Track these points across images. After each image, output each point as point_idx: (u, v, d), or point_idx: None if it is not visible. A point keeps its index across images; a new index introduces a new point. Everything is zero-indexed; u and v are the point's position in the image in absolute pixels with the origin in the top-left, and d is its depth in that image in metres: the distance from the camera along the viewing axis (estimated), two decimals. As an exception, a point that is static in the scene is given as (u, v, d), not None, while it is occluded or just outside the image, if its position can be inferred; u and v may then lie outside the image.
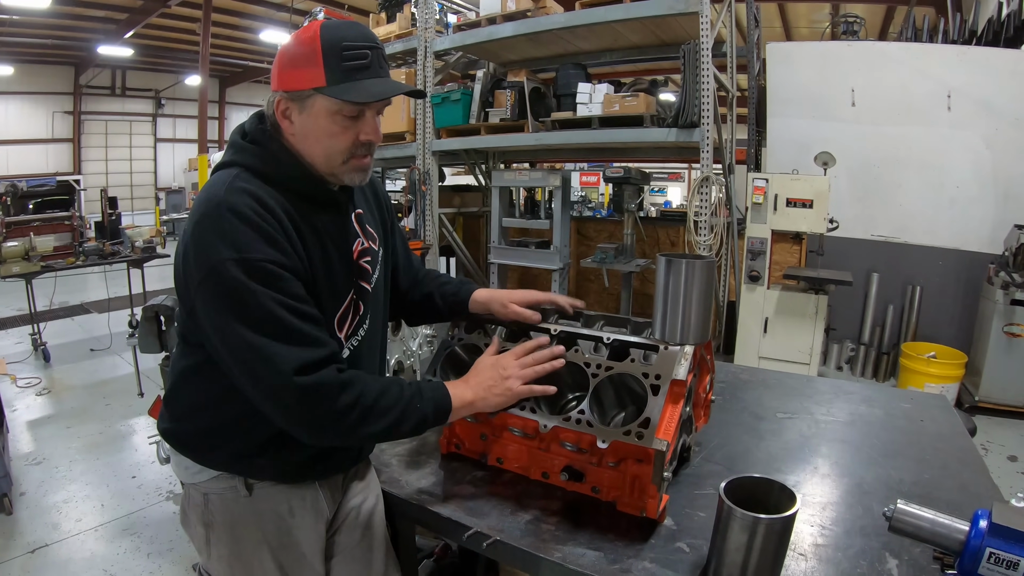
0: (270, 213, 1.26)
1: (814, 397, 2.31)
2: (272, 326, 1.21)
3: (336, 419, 1.25)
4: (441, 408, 1.41)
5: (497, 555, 1.44)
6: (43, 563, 3.19)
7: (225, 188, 1.27)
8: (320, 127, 1.33)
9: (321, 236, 1.39)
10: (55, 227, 6.56)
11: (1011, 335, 5.12)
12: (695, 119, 4.86)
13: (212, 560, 1.46)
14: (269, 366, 1.21)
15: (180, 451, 1.44)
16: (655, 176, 16.34)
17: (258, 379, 1.24)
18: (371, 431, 1.31)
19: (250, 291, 1.20)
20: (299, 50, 1.30)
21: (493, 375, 1.52)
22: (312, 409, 1.23)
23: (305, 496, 1.46)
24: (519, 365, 1.53)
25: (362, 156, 1.39)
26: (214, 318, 1.24)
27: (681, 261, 1.50)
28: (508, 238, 6.73)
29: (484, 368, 1.54)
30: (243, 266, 1.20)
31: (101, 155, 20.18)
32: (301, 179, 1.37)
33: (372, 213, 1.63)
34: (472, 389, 1.48)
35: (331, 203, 1.44)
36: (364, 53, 1.30)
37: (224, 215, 1.22)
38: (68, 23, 14.62)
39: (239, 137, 1.40)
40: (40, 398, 5.54)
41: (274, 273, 1.23)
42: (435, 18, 6.60)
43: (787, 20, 12.69)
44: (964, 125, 5.84)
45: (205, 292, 1.23)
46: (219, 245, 1.21)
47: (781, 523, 1.15)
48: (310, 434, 1.28)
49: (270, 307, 1.21)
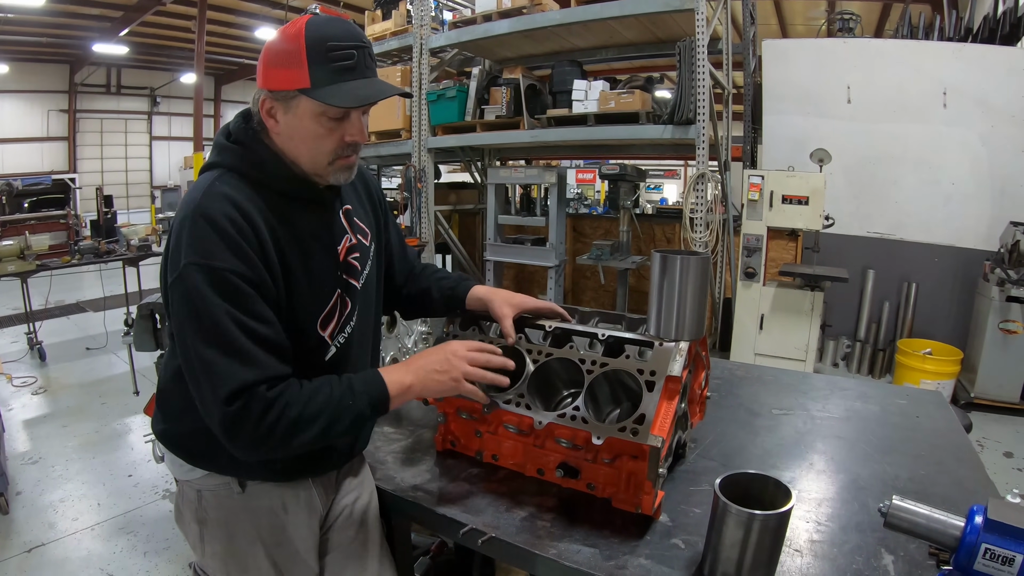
0: (247, 220, 1.26)
1: (810, 393, 2.31)
2: (219, 339, 1.21)
3: (264, 437, 1.23)
4: (376, 400, 1.34)
5: (493, 552, 1.43)
6: (39, 562, 3.18)
7: (203, 192, 1.27)
8: (305, 128, 1.31)
9: (304, 237, 1.38)
10: (50, 226, 6.56)
11: (1006, 332, 5.13)
12: (691, 116, 4.86)
13: (206, 557, 1.47)
14: (207, 382, 1.21)
15: (173, 452, 1.45)
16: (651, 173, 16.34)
17: (199, 390, 1.24)
18: (303, 440, 1.26)
19: (205, 299, 1.20)
20: (284, 48, 1.27)
21: (440, 359, 1.42)
22: (239, 431, 1.22)
23: (299, 493, 1.46)
24: (467, 359, 1.43)
25: (348, 156, 1.38)
26: (175, 320, 1.26)
27: (676, 257, 1.50)
28: (504, 235, 6.73)
29: (432, 352, 1.46)
30: (205, 272, 1.20)
31: (96, 153, 20.09)
32: (285, 180, 1.36)
33: (363, 207, 1.62)
34: (413, 372, 1.39)
35: (317, 202, 1.43)
36: (350, 53, 1.28)
37: (197, 220, 1.23)
38: (63, 21, 14.55)
39: (223, 137, 1.39)
40: (36, 397, 5.52)
41: (235, 285, 1.22)
42: (431, 15, 6.58)
43: (783, 17, 12.69)
44: (960, 122, 5.85)
45: (174, 294, 1.24)
46: (188, 249, 1.21)
47: (776, 519, 1.15)
48: (242, 453, 1.27)
49: (221, 319, 1.21)
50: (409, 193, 6.71)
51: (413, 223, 6.77)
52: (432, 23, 6.59)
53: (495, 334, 1.75)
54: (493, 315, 1.71)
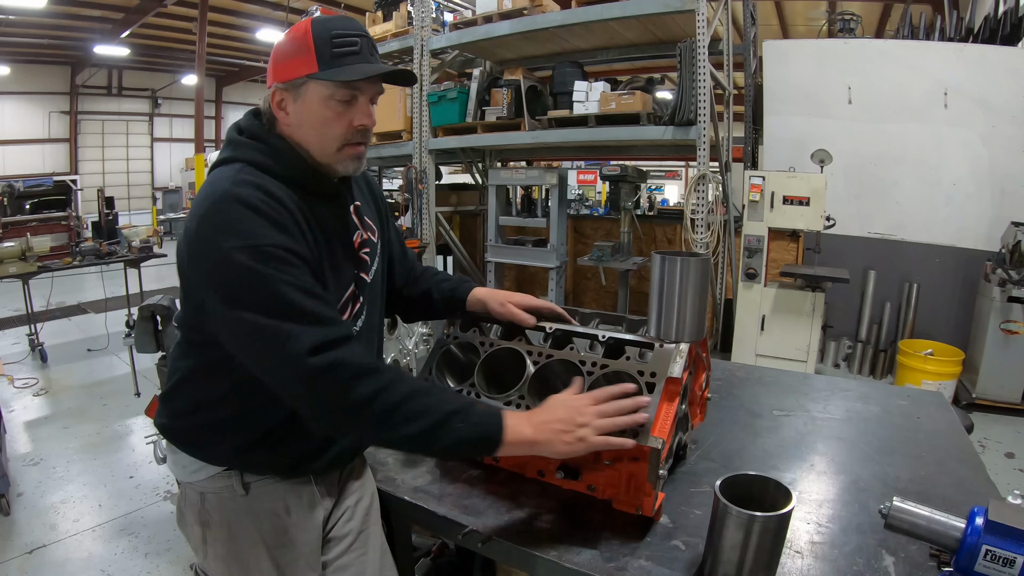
0: (278, 202, 1.26)
1: (810, 394, 2.31)
2: (285, 308, 1.19)
3: (353, 408, 1.20)
4: (488, 436, 1.26)
5: (493, 553, 1.43)
6: (40, 563, 3.18)
7: (230, 181, 1.26)
8: (314, 113, 1.34)
9: (324, 227, 1.39)
10: (52, 227, 6.55)
11: (1008, 332, 5.13)
12: (692, 117, 4.86)
13: (208, 559, 1.46)
14: (283, 347, 1.18)
15: (178, 447, 1.45)
16: (652, 174, 16.34)
17: (271, 362, 1.22)
18: (394, 435, 1.22)
19: (260, 275, 1.18)
20: (292, 43, 1.33)
21: (565, 418, 1.29)
22: (326, 391, 1.19)
23: (302, 494, 1.46)
24: (597, 413, 1.30)
25: (356, 144, 1.39)
26: (224, 309, 1.22)
27: (676, 259, 1.50)
28: (505, 236, 6.73)
29: (556, 407, 1.33)
30: (251, 253, 1.18)
31: (98, 155, 20.13)
32: (302, 171, 1.37)
33: (369, 206, 1.64)
34: (535, 428, 1.29)
35: (332, 195, 1.45)
36: (354, 40, 1.32)
37: (231, 206, 1.22)
38: (64, 23, 14.58)
39: (236, 134, 1.40)
40: (37, 398, 5.53)
41: (284, 258, 1.22)
42: (431, 16, 6.59)
43: (784, 18, 12.70)
44: (961, 122, 5.84)
45: (213, 284, 1.22)
46: (225, 235, 1.19)
47: (777, 521, 1.15)
48: (329, 422, 1.25)
49: (282, 290, 1.19)
50: (410, 194, 6.71)
51: (414, 224, 6.77)
52: (433, 24, 6.61)
53: (495, 335, 1.75)
54: (494, 315, 1.71)
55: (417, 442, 1.24)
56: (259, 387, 1.30)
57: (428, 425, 1.22)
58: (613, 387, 1.36)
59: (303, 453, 1.44)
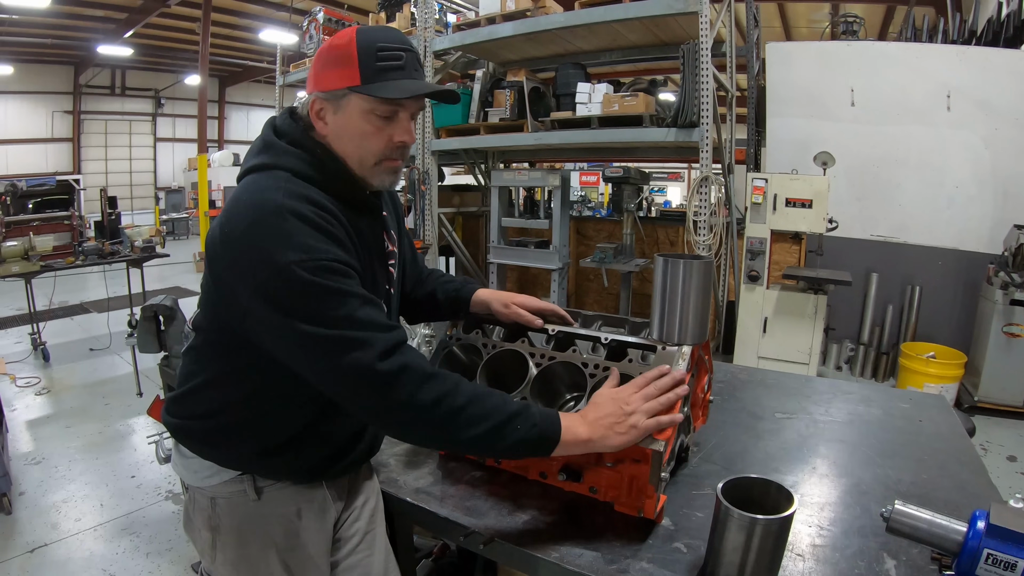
0: (332, 216, 1.26)
1: (812, 397, 2.31)
2: (348, 319, 1.19)
3: (421, 412, 1.21)
4: (547, 436, 1.28)
5: (495, 555, 1.43)
6: (42, 563, 3.19)
7: (282, 192, 1.24)
8: (354, 127, 1.32)
9: (365, 240, 1.39)
10: (54, 227, 6.55)
11: (1010, 335, 5.12)
12: (694, 119, 4.86)
13: (217, 564, 1.45)
14: (350, 356, 1.18)
15: (192, 450, 1.42)
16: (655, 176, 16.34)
17: (339, 373, 1.20)
18: (460, 436, 1.24)
19: (321, 289, 1.18)
20: (335, 52, 1.30)
21: (614, 411, 1.33)
22: (396, 396, 1.20)
23: (313, 498, 1.46)
24: (642, 397, 1.36)
25: (394, 159, 1.38)
26: (282, 320, 1.20)
27: (679, 261, 1.50)
28: (507, 238, 6.74)
29: (603, 403, 1.36)
30: (311, 268, 1.18)
31: (101, 155, 20.17)
32: (345, 184, 1.36)
33: (391, 215, 1.63)
34: (589, 426, 1.31)
35: (370, 208, 1.44)
36: (399, 54, 1.30)
37: (287, 218, 1.20)
38: (68, 23, 14.61)
39: (274, 136, 1.37)
40: (39, 398, 5.54)
41: (342, 271, 1.22)
42: (434, 18, 6.60)
43: (787, 20, 12.69)
44: (963, 125, 5.84)
45: (268, 296, 1.19)
46: (283, 249, 1.18)
47: (778, 523, 1.15)
48: (397, 425, 1.26)
49: (344, 301, 1.20)
50: (413, 196, 6.72)
51: (417, 226, 6.78)
52: (436, 26, 6.61)
53: (497, 337, 1.75)
54: (498, 316, 1.72)
55: (481, 443, 1.27)
56: (280, 393, 1.30)
57: (491, 427, 1.25)
58: (651, 371, 1.42)
59: (320, 459, 1.44)
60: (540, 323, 1.69)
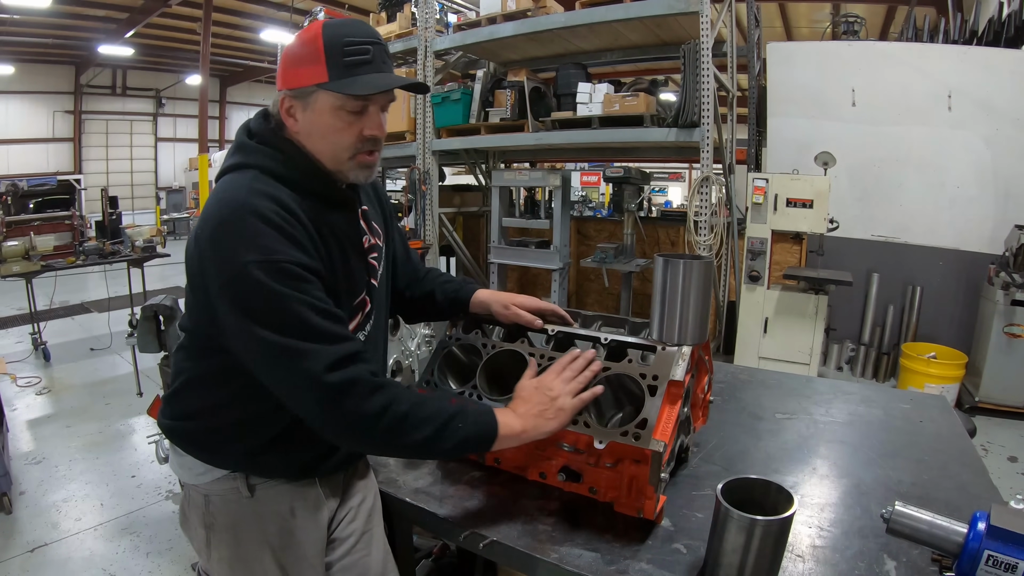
0: (293, 216, 1.26)
1: (813, 397, 2.31)
2: (300, 327, 1.20)
3: (367, 422, 1.23)
4: (485, 434, 1.34)
5: (494, 556, 1.43)
6: (42, 562, 3.19)
7: (246, 191, 1.26)
8: (324, 123, 1.33)
9: (338, 236, 1.39)
10: (55, 226, 6.56)
11: (1011, 336, 5.11)
12: (695, 119, 4.86)
13: (212, 562, 1.46)
14: (299, 365, 1.20)
15: (185, 449, 1.44)
16: (656, 176, 16.33)
17: (288, 380, 1.23)
18: (405, 442, 1.28)
19: (276, 293, 1.19)
20: (302, 49, 1.30)
21: (540, 399, 1.41)
22: (342, 407, 1.22)
23: (307, 496, 1.46)
24: (563, 380, 1.44)
25: (368, 152, 1.39)
26: (239, 322, 1.22)
27: (679, 261, 1.50)
28: (508, 238, 6.73)
29: (528, 394, 1.44)
30: (268, 269, 1.19)
31: (102, 154, 20.19)
32: (315, 179, 1.37)
33: (375, 209, 1.64)
34: (521, 418, 1.38)
35: (343, 202, 1.44)
36: (366, 48, 1.30)
37: (247, 218, 1.22)
38: (69, 22, 14.63)
39: (246, 137, 1.39)
40: (40, 397, 5.54)
41: (299, 275, 1.23)
42: (435, 17, 6.60)
43: (788, 20, 12.69)
44: (964, 125, 5.83)
45: (229, 296, 1.22)
46: (242, 249, 1.20)
47: (778, 524, 1.15)
48: (342, 435, 1.28)
49: (297, 309, 1.20)
50: (413, 195, 6.72)
51: (417, 225, 6.78)
52: (437, 26, 6.62)
53: (497, 337, 1.75)
54: (498, 317, 1.72)
55: (426, 447, 1.29)
56: (264, 392, 1.30)
57: (434, 430, 1.28)
58: (564, 356, 1.52)
59: (311, 456, 1.44)
60: (540, 324, 1.69)
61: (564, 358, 1.51)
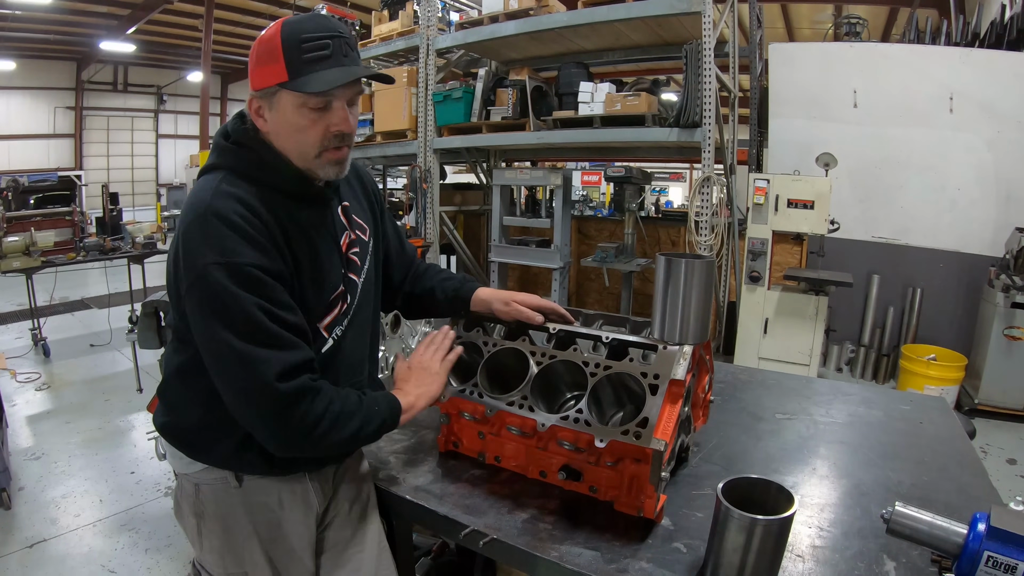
0: (257, 217, 1.27)
1: (813, 398, 2.31)
2: (254, 331, 1.22)
3: (311, 427, 1.27)
4: (394, 411, 1.45)
5: (494, 554, 1.43)
6: (41, 558, 3.19)
7: (211, 192, 1.28)
8: (289, 122, 1.33)
9: (308, 233, 1.39)
10: (56, 222, 6.56)
11: (1011, 338, 5.12)
12: (697, 119, 4.85)
13: (204, 551, 1.47)
14: (250, 370, 1.22)
15: (174, 444, 1.46)
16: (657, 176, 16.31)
17: (237, 383, 1.25)
18: (341, 436, 1.32)
19: (233, 295, 1.21)
20: (263, 48, 1.31)
21: (417, 372, 1.60)
22: (290, 414, 1.24)
23: (295, 489, 1.47)
24: (429, 353, 1.64)
25: (336, 148, 1.38)
26: (199, 322, 1.25)
27: (680, 261, 1.50)
28: (509, 236, 6.73)
29: (406, 373, 1.61)
30: (227, 270, 1.21)
31: (103, 151, 20.17)
32: (286, 177, 1.37)
33: (360, 203, 1.63)
34: (411, 392, 1.54)
35: (317, 199, 1.44)
36: (324, 43, 1.29)
37: (210, 220, 1.23)
38: (70, 18, 14.61)
39: (222, 139, 1.40)
40: (40, 393, 5.54)
41: (258, 278, 1.24)
42: (437, 16, 6.59)
43: (790, 21, 12.67)
44: (966, 127, 5.83)
45: (192, 296, 1.24)
46: (205, 250, 1.22)
47: (778, 524, 1.15)
48: (282, 440, 1.29)
49: (252, 312, 1.22)
50: (414, 193, 6.71)
51: (418, 223, 6.77)
52: (439, 24, 6.60)
53: (498, 335, 1.75)
54: (499, 315, 1.72)
55: (356, 436, 1.36)
56: None
57: (361, 419, 1.36)
58: (427, 337, 1.71)
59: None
60: (541, 319, 1.69)
61: (426, 339, 1.70)
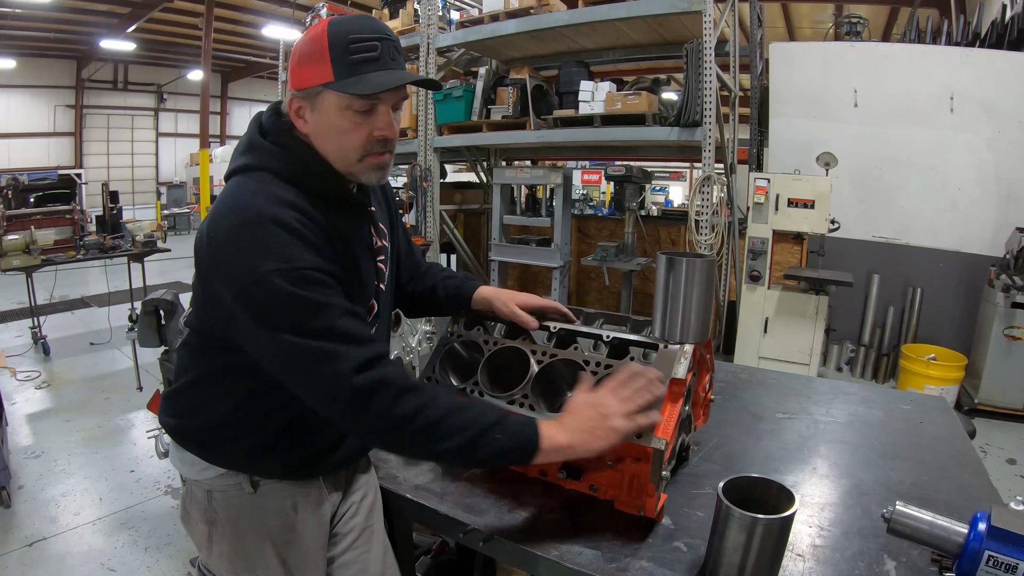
0: (313, 222, 1.25)
1: (813, 397, 2.31)
2: (327, 330, 1.19)
3: (398, 425, 1.21)
4: (525, 444, 1.26)
5: (494, 553, 1.43)
6: (41, 556, 3.19)
7: (265, 198, 1.23)
8: (331, 124, 1.29)
9: (349, 242, 1.37)
10: (56, 221, 6.54)
11: (1011, 338, 5.11)
12: (697, 118, 4.85)
13: (213, 557, 1.45)
14: (326, 368, 1.18)
15: (187, 448, 1.43)
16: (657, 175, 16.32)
17: (315, 383, 1.21)
18: (436, 449, 1.24)
19: (300, 299, 1.17)
20: (308, 47, 1.27)
21: (592, 415, 1.30)
22: (370, 409, 1.20)
23: (309, 492, 1.46)
24: (619, 400, 1.32)
25: (379, 153, 1.34)
26: (261, 330, 1.20)
27: (681, 260, 1.50)
28: (509, 235, 6.74)
29: (580, 408, 1.33)
30: (290, 277, 1.17)
31: (103, 149, 20.19)
32: (326, 182, 1.34)
33: (380, 208, 1.61)
34: (568, 431, 1.29)
35: (354, 205, 1.42)
36: (373, 45, 1.25)
37: (266, 226, 1.19)
38: (70, 16, 14.62)
39: (259, 135, 1.35)
40: (39, 391, 5.54)
41: (322, 281, 1.21)
42: (438, 14, 6.59)
43: (790, 20, 12.68)
44: (966, 127, 5.82)
45: (248, 304, 1.20)
46: (263, 257, 1.17)
47: (779, 523, 1.15)
48: (369, 434, 1.27)
49: (323, 313, 1.19)
50: (415, 192, 6.71)
51: (418, 222, 6.77)
52: (439, 23, 6.60)
53: (499, 334, 1.75)
54: (499, 315, 1.71)
55: (458, 454, 1.25)
56: (268, 391, 1.30)
57: (468, 438, 1.23)
58: (622, 372, 1.38)
59: (312, 454, 1.43)
60: (536, 325, 1.67)
61: (622, 374, 1.37)
